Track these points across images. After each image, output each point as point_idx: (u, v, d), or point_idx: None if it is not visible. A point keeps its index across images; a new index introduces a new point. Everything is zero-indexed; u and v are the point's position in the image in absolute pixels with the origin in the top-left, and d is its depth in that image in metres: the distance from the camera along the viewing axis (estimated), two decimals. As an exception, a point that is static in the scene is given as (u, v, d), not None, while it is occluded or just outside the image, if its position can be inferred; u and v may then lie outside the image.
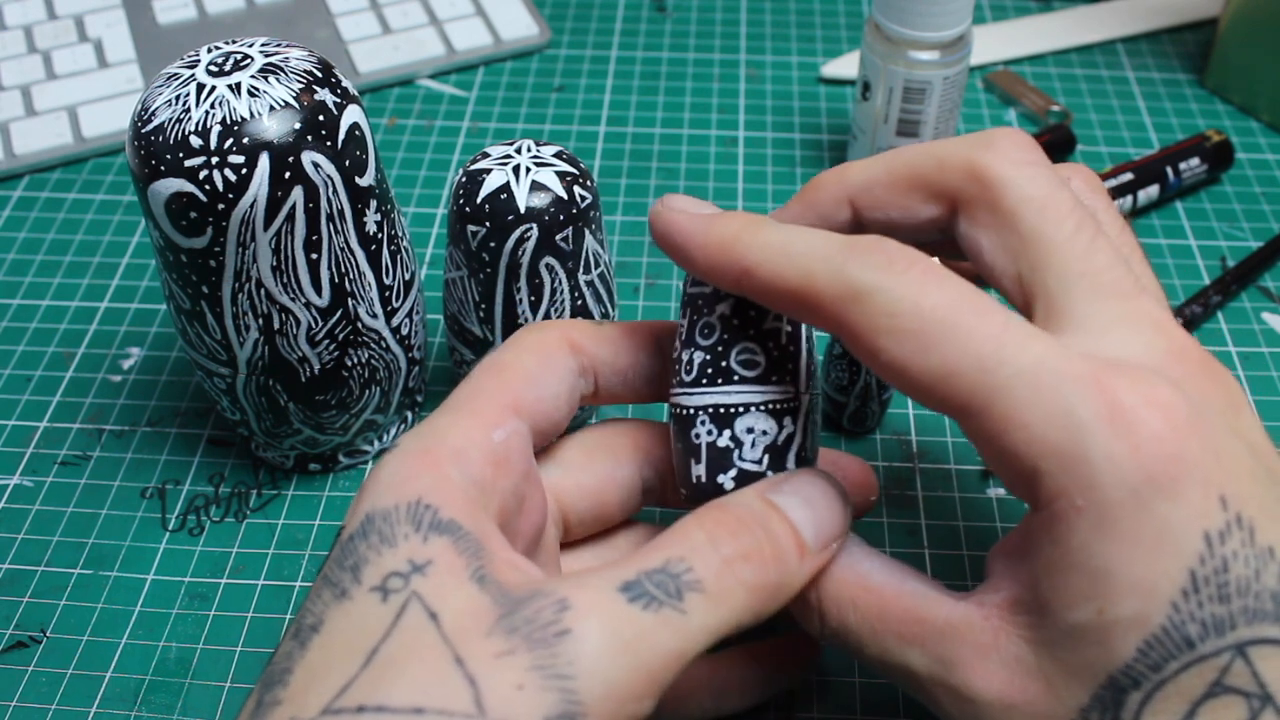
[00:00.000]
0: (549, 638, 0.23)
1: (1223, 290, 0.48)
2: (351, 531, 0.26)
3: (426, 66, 0.60)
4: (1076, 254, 0.26)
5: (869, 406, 0.42)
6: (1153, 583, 0.23)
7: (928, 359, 0.25)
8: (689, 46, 0.63)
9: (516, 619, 0.24)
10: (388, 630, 0.24)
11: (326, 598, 0.25)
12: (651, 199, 0.53)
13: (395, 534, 0.25)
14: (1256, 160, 0.55)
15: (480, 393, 0.29)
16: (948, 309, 0.25)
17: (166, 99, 0.34)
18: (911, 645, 0.27)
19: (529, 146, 0.39)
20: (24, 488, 0.42)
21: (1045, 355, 0.24)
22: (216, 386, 0.39)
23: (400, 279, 0.38)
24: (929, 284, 0.25)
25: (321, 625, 0.24)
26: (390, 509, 0.26)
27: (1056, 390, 0.24)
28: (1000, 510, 0.41)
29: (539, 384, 0.30)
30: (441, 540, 0.25)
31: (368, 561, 0.25)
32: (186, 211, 0.33)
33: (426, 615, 0.24)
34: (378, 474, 0.27)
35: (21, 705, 0.36)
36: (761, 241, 0.27)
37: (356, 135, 0.35)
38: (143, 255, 0.51)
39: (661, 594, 0.25)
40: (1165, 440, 0.23)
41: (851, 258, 0.26)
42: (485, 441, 0.27)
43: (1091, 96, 0.59)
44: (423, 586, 0.24)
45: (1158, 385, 0.24)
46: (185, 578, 0.40)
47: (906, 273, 0.25)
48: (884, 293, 0.25)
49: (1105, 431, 0.23)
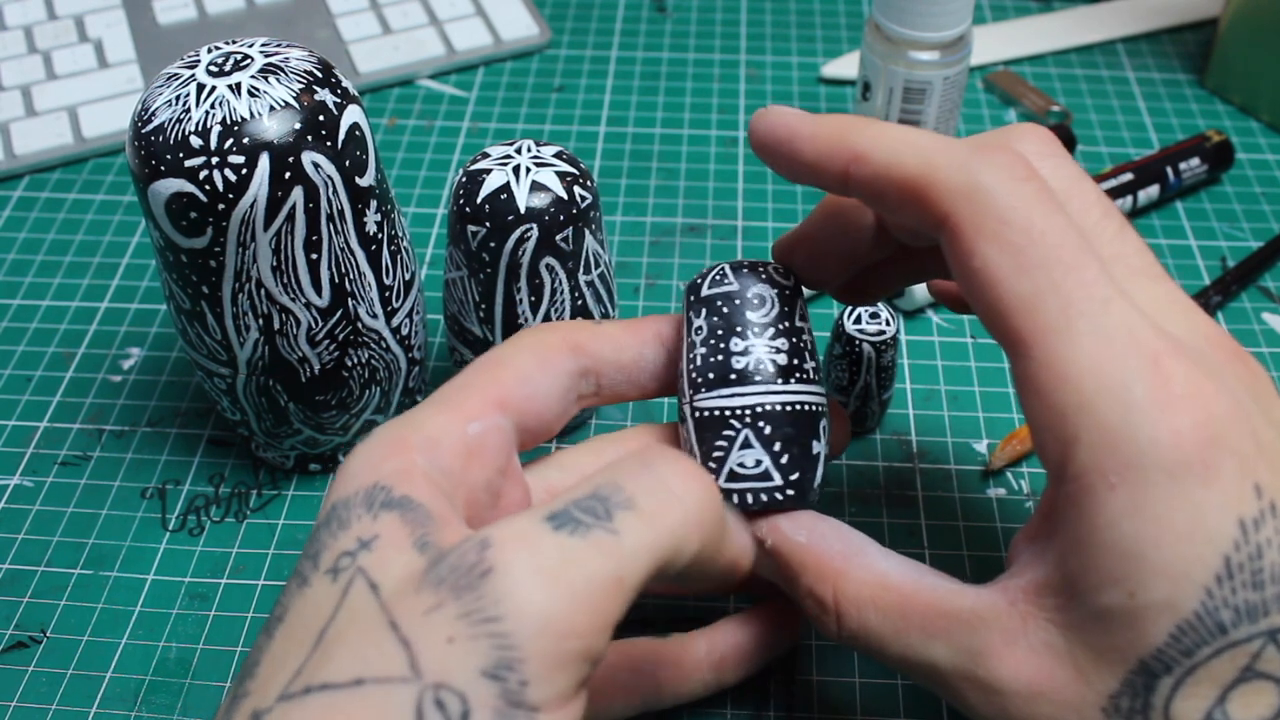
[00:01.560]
0: (473, 580, 0.22)
1: (1223, 290, 0.48)
2: (318, 521, 0.26)
3: (426, 66, 0.60)
4: (1107, 239, 0.27)
5: (869, 406, 0.42)
6: (1186, 567, 0.23)
7: (1019, 281, 0.25)
8: (689, 46, 0.63)
9: (442, 569, 0.23)
10: (335, 609, 0.23)
11: (291, 588, 0.25)
12: (652, 199, 0.53)
13: (350, 517, 0.25)
14: (1256, 160, 0.55)
15: (466, 387, 0.29)
16: (1056, 236, 0.25)
17: (167, 99, 0.34)
18: (936, 638, 0.26)
19: (529, 147, 0.39)
20: (24, 488, 0.42)
21: (1124, 321, 0.24)
22: (217, 387, 0.39)
23: (400, 279, 0.38)
24: (1045, 205, 0.25)
25: (286, 614, 0.24)
26: (351, 495, 0.26)
27: (1121, 361, 0.24)
28: (1000, 510, 0.41)
29: (530, 382, 0.29)
30: (390, 515, 0.25)
31: (325, 547, 0.25)
32: (186, 211, 0.33)
33: (368, 587, 0.23)
34: (346, 464, 0.27)
35: (21, 705, 0.36)
36: (877, 130, 0.27)
37: (356, 135, 0.35)
38: (143, 255, 0.51)
39: (589, 517, 0.23)
40: (1206, 427, 0.23)
41: (978, 154, 0.26)
42: (459, 432, 0.27)
43: (1091, 96, 0.59)
44: (366, 560, 0.24)
45: (1208, 373, 0.24)
46: (185, 578, 0.40)
47: (1027, 183, 0.25)
48: (1004, 197, 0.25)
49: (1154, 414, 0.23)
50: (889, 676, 0.36)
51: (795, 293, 0.31)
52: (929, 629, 0.27)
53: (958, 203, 0.25)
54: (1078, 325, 0.24)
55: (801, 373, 0.30)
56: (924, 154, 0.26)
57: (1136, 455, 0.23)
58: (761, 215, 0.53)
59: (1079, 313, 0.24)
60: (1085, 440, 0.24)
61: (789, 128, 0.28)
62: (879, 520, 0.40)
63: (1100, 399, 0.24)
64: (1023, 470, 0.42)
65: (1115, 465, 0.23)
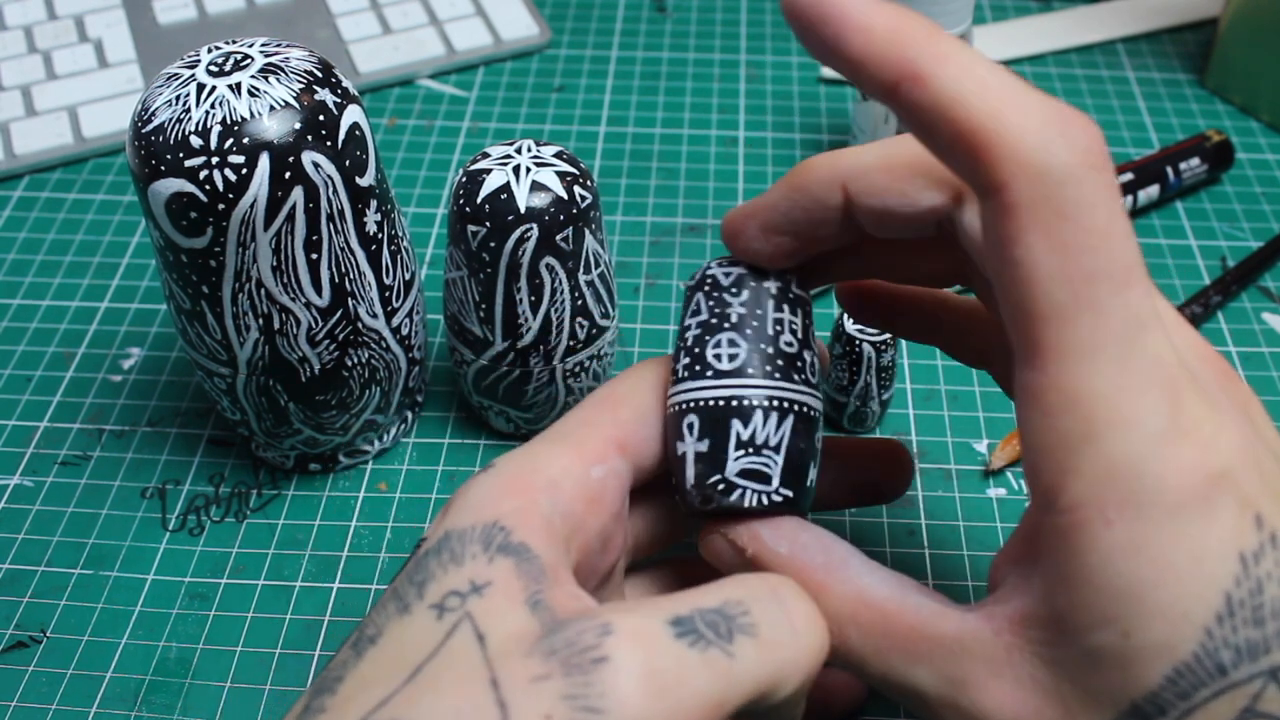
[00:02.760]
0: (585, 663, 0.22)
1: (1223, 290, 0.48)
2: (428, 548, 0.25)
3: (426, 66, 0.60)
4: None
5: (869, 406, 0.42)
6: (1186, 607, 0.22)
7: (1059, 287, 0.22)
8: (689, 46, 0.63)
9: (557, 640, 0.22)
10: (436, 648, 0.23)
11: (390, 610, 0.25)
12: (652, 199, 0.53)
13: (464, 553, 0.25)
14: (1256, 160, 0.55)
15: (587, 424, 0.28)
16: (1117, 246, 0.22)
17: (167, 99, 0.34)
18: (918, 663, 0.25)
19: (529, 146, 0.39)
20: (24, 488, 0.42)
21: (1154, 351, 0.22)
22: (217, 386, 0.39)
23: (400, 279, 0.38)
24: (1112, 205, 0.22)
25: (380, 637, 0.24)
26: (467, 529, 0.25)
27: (1141, 394, 0.22)
28: (1000, 510, 0.41)
29: (649, 422, 0.29)
30: (506, 562, 0.24)
31: (434, 579, 0.24)
32: (186, 211, 0.33)
33: (474, 636, 0.23)
34: (465, 492, 0.26)
35: (21, 705, 0.36)
36: (946, 50, 0.22)
37: (357, 135, 0.35)
38: (143, 255, 0.51)
39: (711, 633, 0.23)
40: (1212, 461, 0.22)
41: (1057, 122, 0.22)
42: (583, 476, 0.27)
43: (1091, 96, 0.59)
44: (476, 607, 0.23)
45: (1212, 403, 0.23)
46: (185, 578, 0.40)
47: (1100, 175, 0.22)
48: (1074, 187, 0.22)
49: (1164, 449, 0.22)
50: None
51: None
52: (911, 651, 0.25)
53: (1024, 177, 0.22)
54: (1106, 350, 0.22)
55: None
56: (998, 104, 0.22)
57: (1138, 492, 0.22)
58: (761, 215, 0.52)
59: (1112, 339, 0.22)
60: (1086, 472, 0.22)
61: (839, 7, 0.23)
62: (879, 520, 0.40)
63: (1111, 431, 0.22)
64: (1022, 470, 0.42)
65: (1114, 501, 0.22)
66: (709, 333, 0.29)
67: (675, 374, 0.29)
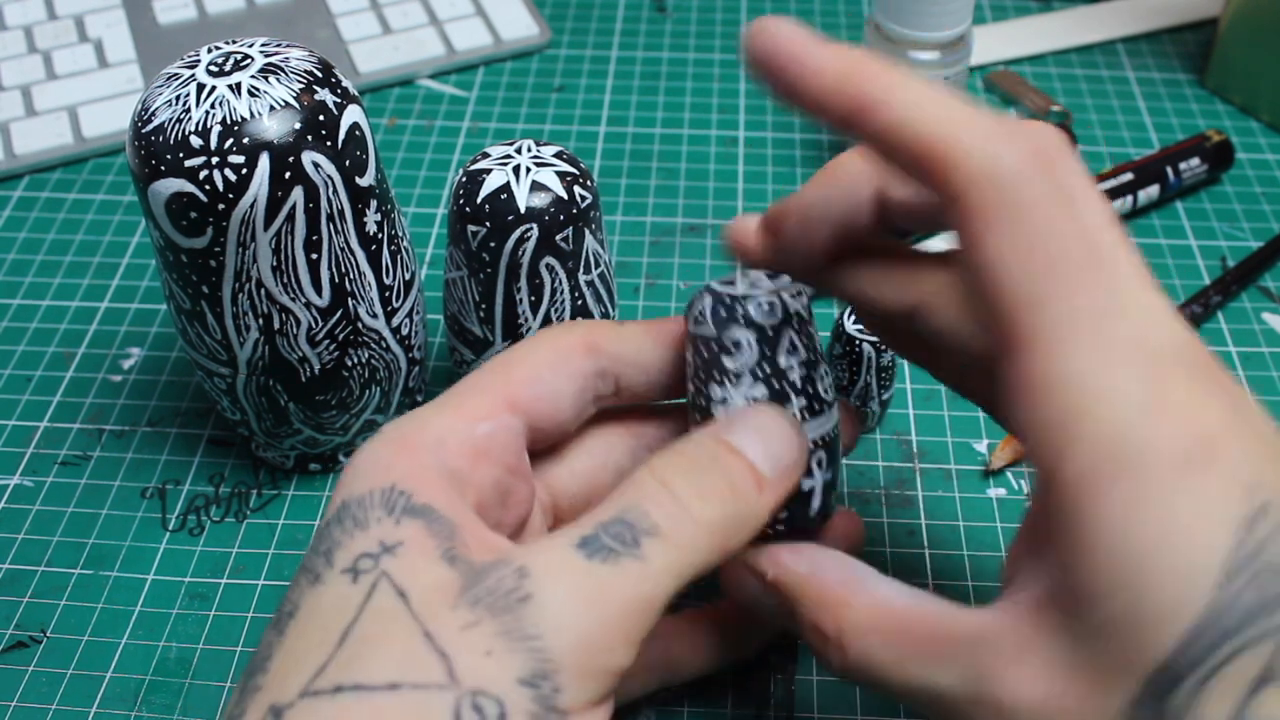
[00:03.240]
0: (512, 604, 0.24)
1: (1223, 290, 0.48)
2: (328, 519, 0.26)
3: (426, 66, 0.60)
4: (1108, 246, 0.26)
5: (869, 407, 0.42)
6: (1190, 569, 0.22)
7: (1026, 279, 0.24)
8: (689, 46, 0.63)
9: (479, 590, 0.24)
10: (359, 610, 0.24)
11: (302, 584, 0.25)
12: (652, 199, 0.53)
13: (368, 518, 0.25)
14: (1256, 160, 0.55)
15: (475, 388, 0.29)
16: (1072, 238, 0.24)
17: (167, 99, 0.34)
18: (940, 663, 0.25)
19: (529, 146, 0.39)
20: (24, 488, 0.42)
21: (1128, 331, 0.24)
22: (217, 386, 0.39)
23: (400, 279, 0.38)
24: (1064, 202, 0.24)
25: (298, 611, 0.25)
26: (365, 495, 0.26)
27: (1122, 369, 0.23)
28: (1000, 510, 0.41)
29: (542, 382, 0.30)
30: (415, 523, 0.25)
31: (340, 545, 0.25)
32: (186, 211, 0.33)
33: (395, 594, 0.24)
34: (355, 461, 0.27)
35: (21, 705, 0.36)
36: (895, 81, 0.25)
37: (357, 135, 0.35)
38: (143, 255, 0.51)
39: (618, 544, 0.25)
40: (1203, 428, 0.23)
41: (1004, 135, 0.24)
42: (467, 433, 0.28)
43: (1091, 96, 0.59)
44: (392, 566, 0.24)
45: (1203, 380, 0.24)
46: (185, 578, 0.40)
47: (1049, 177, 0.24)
48: (1025, 188, 0.24)
49: (1153, 418, 0.23)
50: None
51: (782, 324, 0.29)
52: (932, 654, 0.26)
53: (976, 185, 0.24)
54: (1081, 331, 0.23)
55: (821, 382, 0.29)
56: (947, 122, 0.24)
57: (1135, 457, 0.23)
58: (761, 215, 0.53)
59: (1084, 319, 0.24)
60: (1082, 443, 0.23)
61: (794, 52, 0.26)
62: (879, 520, 0.40)
63: (1099, 404, 0.23)
64: (1023, 470, 0.42)
65: (1112, 469, 0.23)
66: (812, 368, 0.30)
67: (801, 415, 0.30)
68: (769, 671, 0.36)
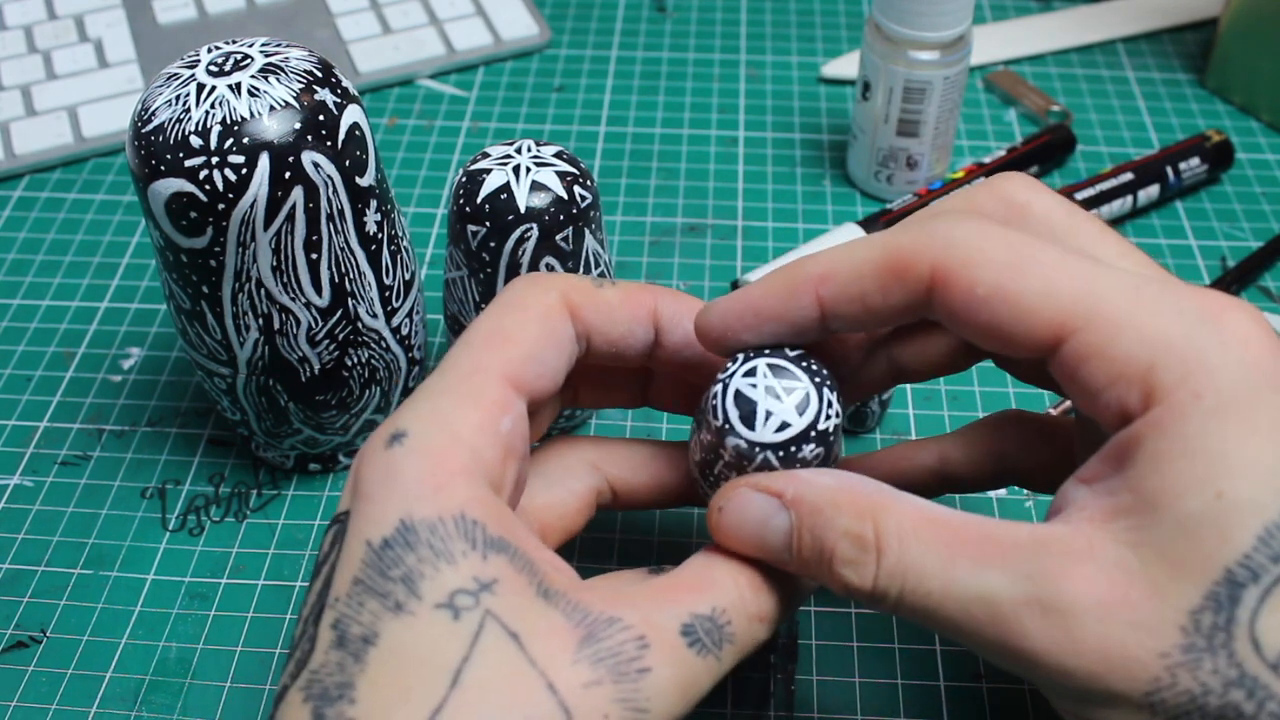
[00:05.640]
0: (632, 673, 0.25)
1: (1223, 290, 0.48)
2: (387, 538, 0.25)
3: (426, 66, 0.60)
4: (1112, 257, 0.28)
5: (869, 406, 0.42)
6: (1271, 465, 0.23)
7: (1030, 284, 0.25)
8: (689, 46, 0.63)
9: (601, 649, 0.25)
10: (467, 651, 0.24)
11: (374, 608, 0.24)
12: (652, 199, 0.53)
13: (451, 550, 0.25)
14: (1256, 160, 0.55)
15: (482, 369, 0.28)
16: (1040, 247, 0.26)
17: (167, 99, 0.34)
18: (990, 566, 0.25)
19: (529, 146, 0.39)
20: (24, 488, 0.42)
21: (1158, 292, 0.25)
22: (217, 386, 0.39)
23: (400, 279, 0.38)
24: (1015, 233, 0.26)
25: (377, 639, 0.24)
26: (434, 521, 0.25)
27: (1174, 313, 0.24)
28: (1000, 510, 0.41)
29: (540, 359, 0.29)
30: (499, 558, 0.25)
31: (424, 576, 0.24)
32: (186, 211, 0.33)
33: (507, 635, 0.24)
34: (397, 472, 0.26)
35: (21, 705, 0.36)
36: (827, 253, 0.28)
37: (356, 135, 0.35)
38: (143, 255, 0.51)
39: (710, 642, 0.26)
40: (1272, 348, 0.24)
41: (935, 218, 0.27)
42: (495, 433, 0.27)
43: (1091, 96, 0.59)
44: (495, 605, 0.24)
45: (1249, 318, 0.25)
46: (185, 578, 0.40)
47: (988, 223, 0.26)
48: (978, 237, 0.26)
49: (1216, 333, 0.24)
50: (889, 676, 0.36)
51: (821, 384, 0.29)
52: (982, 557, 0.25)
53: (938, 256, 0.26)
54: (1109, 293, 0.25)
55: None
56: (884, 241, 0.27)
57: (1214, 366, 0.24)
58: (761, 215, 0.53)
59: (1105, 284, 0.25)
60: (1162, 363, 0.24)
61: (739, 300, 0.29)
62: (879, 520, 0.40)
63: (1161, 327, 0.24)
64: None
65: (1197, 377, 0.24)
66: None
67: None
68: (769, 671, 0.36)
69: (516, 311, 0.29)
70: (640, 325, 0.31)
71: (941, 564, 0.25)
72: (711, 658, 0.26)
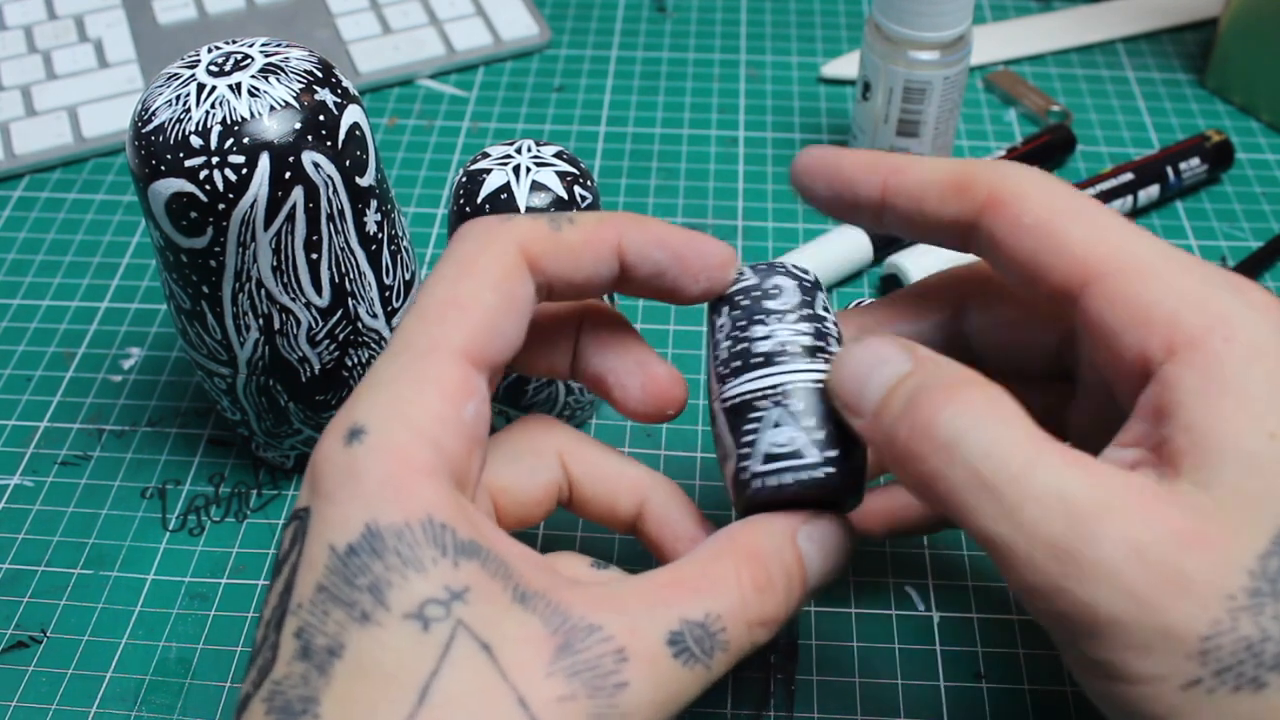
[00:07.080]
0: (609, 687, 0.24)
1: (1223, 290, 0.48)
2: (352, 544, 0.24)
3: (426, 66, 0.60)
4: None
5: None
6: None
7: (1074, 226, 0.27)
8: (689, 46, 0.63)
9: (577, 661, 0.24)
10: (437, 664, 0.23)
11: (340, 618, 0.23)
12: (652, 199, 0.53)
13: (420, 557, 0.24)
14: (1256, 160, 0.55)
15: (440, 347, 0.26)
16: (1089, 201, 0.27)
17: (167, 99, 0.34)
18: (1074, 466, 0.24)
19: (529, 146, 0.39)
20: (24, 488, 0.42)
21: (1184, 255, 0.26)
22: (217, 386, 0.39)
23: (400, 279, 0.39)
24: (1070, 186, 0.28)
25: (343, 650, 0.23)
26: (401, 526, 0.24)
27: (1190, 262, 0.26)
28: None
29: (500, 331, 0.27)
30: (471, 564, 0.24)
31: (391, 585, 0.23)
32: (187, 211, 0.33)
33: (478, 646, 0.23)
34: (358, 472, 0.25)
35: (21, 705, 0.36)
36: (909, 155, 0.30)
37: (357, 135, 0.35)
38: (143, 255, 0.51)
39: (699, 650, 0.26)
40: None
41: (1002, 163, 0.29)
42: (458, 421, 0.26)
43: (1091, 96, 0.59)
44: (466, 615, 0.23)
45: None
46: (185, 578, 0.40)
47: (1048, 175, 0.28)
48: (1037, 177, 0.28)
49: (1241, 295, 0.25)
50: (889, 676, 0.36)
51: (815, 286, 0.30)
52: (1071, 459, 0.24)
53: (997, 184, 0.28)
54: (1143, 251, 0.26)
55: (829, 355, 0.29)
56: (957, 161, 0.29)
57: (1244, 325, 0.24)
58: (761, 215, 0.53)
59: (1140, 243, 0.26)
60: (1190, 315, 0.25)
61: (834, 152, 0.31)
62: (879, 520, 0.40)
63: (1198, 291, 0.25)
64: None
65: (1226, 331, 0.24)
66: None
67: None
68: (769, 671, 0.36)
69: (472, 277, 0.27)
70: (605, 264, 0.29)
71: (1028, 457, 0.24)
72: (700, 666, 0.25)
